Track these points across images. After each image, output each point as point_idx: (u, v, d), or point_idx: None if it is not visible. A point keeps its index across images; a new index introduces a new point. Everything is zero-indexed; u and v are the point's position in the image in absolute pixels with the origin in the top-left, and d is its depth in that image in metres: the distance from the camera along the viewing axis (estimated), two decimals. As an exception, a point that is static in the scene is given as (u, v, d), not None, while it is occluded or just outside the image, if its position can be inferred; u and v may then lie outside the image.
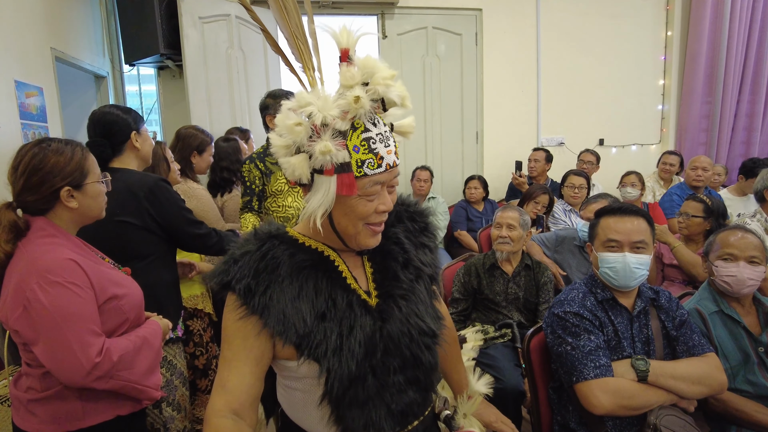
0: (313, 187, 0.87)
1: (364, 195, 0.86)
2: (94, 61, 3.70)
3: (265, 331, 0.86)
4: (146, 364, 1.28)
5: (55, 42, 2.99)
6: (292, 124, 0.82)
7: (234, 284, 0.86)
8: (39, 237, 1.21)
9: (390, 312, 0.93)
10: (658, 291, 1.60)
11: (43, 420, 1.22)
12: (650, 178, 4.33)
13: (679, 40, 5.00)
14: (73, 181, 1.24)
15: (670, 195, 3.78)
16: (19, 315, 1.14)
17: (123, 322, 1.28)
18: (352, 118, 0.84)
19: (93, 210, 1.31)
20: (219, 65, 3.78)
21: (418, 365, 0.94)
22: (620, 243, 1.52)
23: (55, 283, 1.14)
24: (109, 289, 1.25)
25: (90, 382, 1.16)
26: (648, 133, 5.18)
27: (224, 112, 3.86)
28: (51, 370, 1.16)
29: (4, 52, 2.39)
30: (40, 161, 1.21)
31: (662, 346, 1.51)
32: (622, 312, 1.53)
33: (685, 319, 1.54)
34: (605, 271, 1.53)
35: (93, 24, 3.73)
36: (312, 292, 0.89)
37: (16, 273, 1.17)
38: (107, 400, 1.25)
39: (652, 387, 1.40)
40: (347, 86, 0.84)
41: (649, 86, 5.10)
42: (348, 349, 0.87)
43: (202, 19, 3.65)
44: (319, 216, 0.85)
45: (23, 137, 2.50)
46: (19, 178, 1.21)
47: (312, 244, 0.95)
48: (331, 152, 0.81)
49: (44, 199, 1.22)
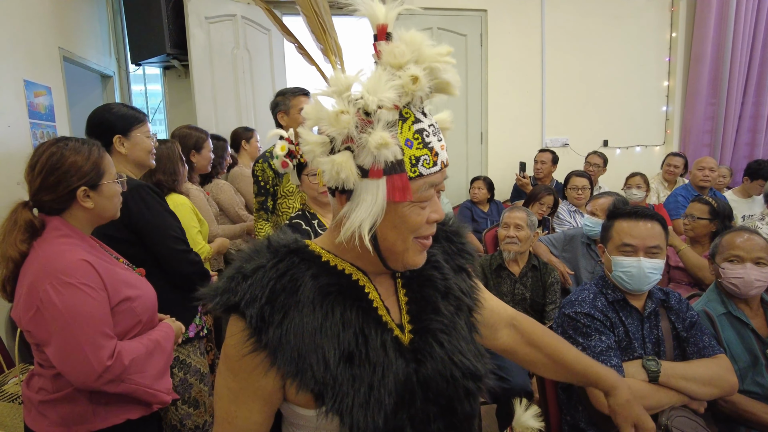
0: (354, 194, 0.70)
1: (417, 201, 0.71)
2: (101, 60, 3.71)
3: (273, 371, 0.70)
4: (157, 367, 1.27)
5: (62, 42, 3.01)
6: (336, 112, 0.67)
7: (244, 307, 0.69)
8: (54, 237, 1.21)
9: (428, 351, 0.76)
10: (668, 292, 1.61)
11: (53, 422, 1.21)
12: (654, 179, 4.33)
13: (683, 42, 5.00)
14: (90, 181, 1.24)
15: (675, 196, 3.78)
16: (32, 316, 1.14)
17: (135, 324, 1.28)
18: (401, 105, 0.69)
19: (108, 210, 1.31)
20: (225, 65, 3.79)
21: (454, 413, 0.77)
22: (635, 248, 1.52)
23: (68, 284, 1.14)
24: (122, 290, 1.24)
25: (101, 385, 1.15)
26: (652, 134, 5.18)
27: (230, 111, 3.86)
28: (62, 371, 1.15)
29: (14, 52, 2.40)
30: (57, 160, 1.20)
31: (672, 347, 1.52)
32: (632, 313, 1.53)
33: (695, 321, 1.54)
34: (619, 275, 1.52)
35: (100, 24, 3.75)
36: (338, 324, 0.72)
37: (30, 273, 1.17)
38: (117, 404, 1.24)
39: (663, 388, 1.40)
40: (396, 66, 0.68)
41: (654, 87, 5.10)
42: (376, 401, 0.70)
43: (208, 19, 3.66)
44: (366, 230, 0.69)
45: (32, 136, 2.51)
46: (36, 177, 1.20)
47: (338, 264, 0.77)
48: (389, 146, 0.66)
49: (60, 198, 1.22)
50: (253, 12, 3.97)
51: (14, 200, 2.20)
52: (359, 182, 0.69)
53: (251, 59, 3.98)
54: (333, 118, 0.67)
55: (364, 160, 0.68)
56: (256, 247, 0.77)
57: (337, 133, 0.68)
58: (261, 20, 4.02)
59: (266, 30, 4.07)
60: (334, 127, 0.67)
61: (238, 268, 0.73)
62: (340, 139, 0.68)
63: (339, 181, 0.69)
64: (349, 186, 0.69)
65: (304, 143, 0.71)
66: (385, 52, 0.69)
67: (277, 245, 0.76)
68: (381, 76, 0.68)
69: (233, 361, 0.72)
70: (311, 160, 0.72)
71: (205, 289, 0.73)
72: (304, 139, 0.71)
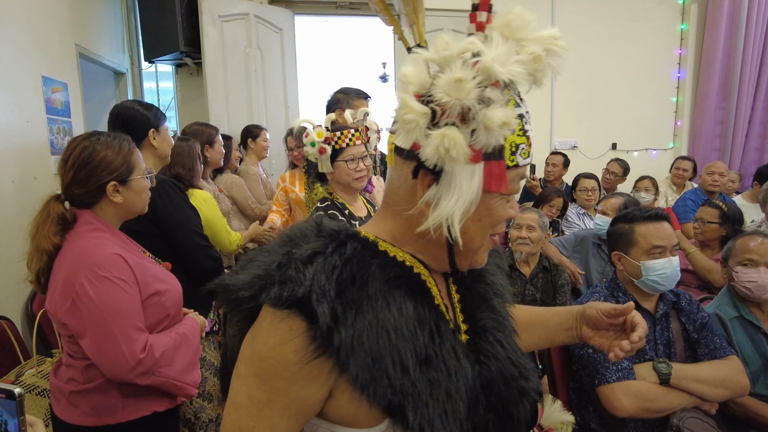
0: (445, 178, 0.60)
1: (506, 193, 0.64)
2: (115, 57, 3.74)
3: (332, 380, 0.59)
4: (185, 361, 1.29)
5: (79, 39, 3.04)
6: (455, 79, 0.56)
7: (315, 303, 0.57)
8: (87, 230, 1.24)
9: (491, 351, 0.69)
10: (679, 294, 1.62)
11: (84, 412, 1.24)
12: (663, 183, 4.32)
13: (693, 46, 4.99)
14: (120, 176, 1.26)
15: (684, 200, 3.77)
16: (68, 308, 1.17)
17: (164, 318, 1.30)
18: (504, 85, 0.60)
19: (137, 205, 1.33)
20: (237, 63, 3.82)
21: (510, 418, 0.69)
22: (664, 248, 1.54)
23: (103, 277, 1.16)
24: (152, 284, 1.26)
25: (133, 377, 1.18)
26: (661, 137, 5.18)
27: (241, 109, 3.89)
28: (96, 363, 1.18)
29: (33, 48, 2.43)
30: (89, 155, 1.23)
31: (683, 349, 1.53)
32: (644, 315, 1.54)
33: (706, 322, 1.55)
34: (653, 278, 1.52)
35: (114, 21, 3.78)
36: (413, 323, 0.62)
37: (65, 266, 1.19)
38: (146, 396, 1.27)
39: (675, 390, 1.42)
40: (517, 38, 0.60)
41: (663, 90, 5.10)
42: (453, 410, 0.62)
43: (221, 18, 3.69)
44: (457, 221, 0.60)
45: (49, 132, 2.54)
46: (68, 171, 1.23)
47: (397, 254, 0.68)
48: (511, 126, 0.57)
49: (91, 192, 1.24)
50: (265, 11, 4.00)
51: (32, 194, 2.24)
52: (456, 165, 0.58)
53: (263, 58, 4.00)
54: (452, 85, 0.56)
55: (476, 139, 0.58)
56: (300, 231, 0.66)
57: (453, 104, 0.57)
58: (273, 19, 4.05)
59: (278, 29, 4.10)
60: (450, 95, 0.56)
61: (287, 254, 0.61)
62: (456, 109, 0.57)
63: (442, 159, 0.58)
64: (449, 166, 0.59)
65: (406, 111, 0.58)
66: (502, 23, 0.60)
67: (329, 229, 0.66)
68: (507, 47, 0.58)
69: (270, 364, 0.59)
70: (408, 132, 0.59)
71: (243, 277, 0.60)
72: (409, 106, 0.58)
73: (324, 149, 1.75)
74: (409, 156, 0.63)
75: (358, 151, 1.77)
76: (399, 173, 0.67)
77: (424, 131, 0.58)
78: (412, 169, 0.63)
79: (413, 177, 0.64)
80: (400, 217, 0.68)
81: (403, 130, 0.60)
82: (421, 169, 0.62)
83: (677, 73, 5.08)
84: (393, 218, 0.70)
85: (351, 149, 1.76)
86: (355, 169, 1.76)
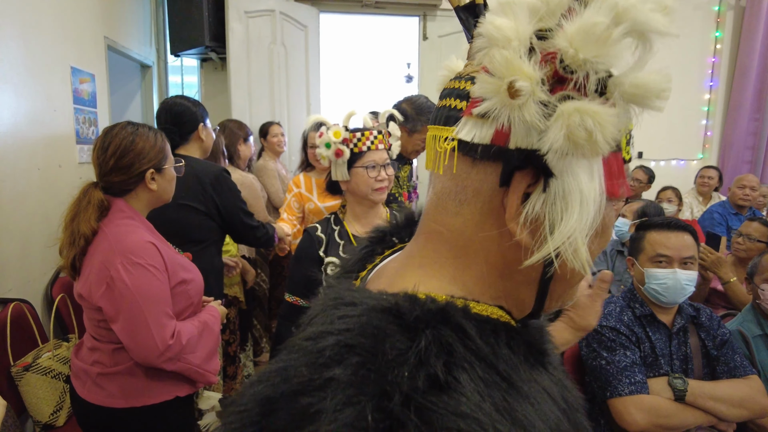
0: (557, 182, 0.40)
1: (617, 198, 0.45)
2: (141, 50, 3.81)
3: None
4: (207, 348, 1.33)
5: (107, 31, 3.10)
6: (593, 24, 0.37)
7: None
8: (120, 218, 1.28)
9: (577, 395, 0.53)
10: (699, 308, 1.56)
11: (111, 394, 1.27)
12: (689, 194, 4.21)
13: (728, 53, 4.84)
14: (157, 164, 1.32)
15: (711, 213, 3.66)
16: (103, 292, 1.21)
17: (188, 306, 1.34)
18: None
19: (167, 193, 1.39)
20: (261, 59, 3.85)
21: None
22: (670, 259, 1.49)
23: (138, 264, 1.20)
24: (179, 273, 1.31)
25: (161, 362, 1.22)
26: (690, 148, 5.03)
27: (264, 105, 3.92)
28: (127, 347, 1.22)
29: (63, 39, 2.49)
30: (130, 143, 1.28)
31: (701, 366, 1.48)
32: (660, 328, 1.49)
33: (727, 339, 1.50)
34: (653, 287, 1.49)
35: (142, 14, 3.85)
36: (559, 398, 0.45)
37: (101, 251, 1.24)
38: (170, 381, 1.31)
39: (690, 407, 1.37)
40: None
41: (694, 100, 4.96)
42: None
43: (247, 14, 3.72)
44: (582, 244, 0.40)
45: (75, 121, 2.60)
46: (109, 158, 1.27)
47: (492, 313, 0.45)
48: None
49: (131, 180, 1.29)
50: (291, 8, 4.02)
51: (56, 182, 2.29)
52: (579, 160, 0.40)
53: (287, 55, 4.03)
54: (589, 36, 0.37)
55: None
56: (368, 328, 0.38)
57: (593, 63, 0.38)
58: (299, 16, 4.07)
59: (303, 27, 4.12)
60: (588, 51, 0.38)
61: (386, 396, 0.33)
62: (600, 72, 0.38)
63: (577, 148, 0.38)
64: (568, 164, 0.39)
65: (513, 75, 0.38)
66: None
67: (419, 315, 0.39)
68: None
69: None
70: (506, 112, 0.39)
71: None
72: (518, 68, 0.38)
73: (341, 151, 1.47)
74: (492, 154, 0.42)
75: (380, 157, 1.47)
76: (467, 183, 0.44)
77: (538, 108, 0.38)
78: (500, 172, 0.42)
79: (502, 185, 0.42)
80: (472, 252, 0.46)
81: (495, 109, 0.40)
82: (517, 172, 0.41)
83: (709, 82, 4.94)
84: (459, 257, 0.46)
85: (372, 154, 1.46)
86: (376, 178, 1.46)
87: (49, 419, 1.73)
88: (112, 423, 1.29)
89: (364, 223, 1.51)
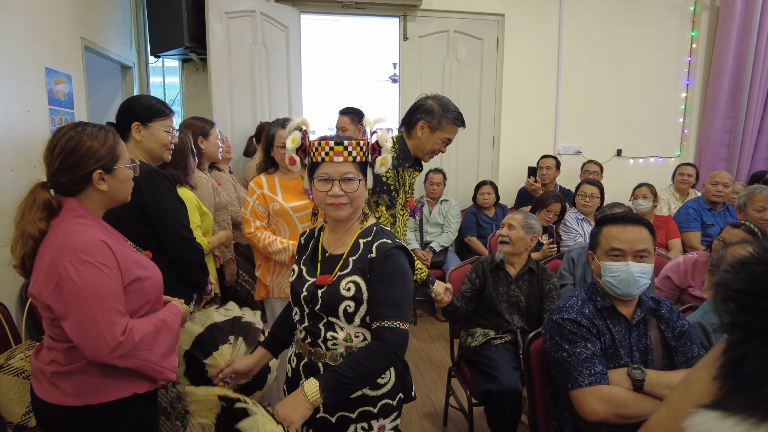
0: None
1: None
2: (121, 51, 3.80)
3: None
4: (165, 346, 1.32)
5: (85, 32, 3.09)
6: None
7: None
8: (71, 217, 1.27)
9: None
10: (660, 301, 1.61)
11: (66, 392, 1.27)
12: (666, 191, 4.29)
13: (703, 53, 4.93)
14: (105, 165, 1.30)
15: (686, 209, 3.74)
16: (52, 291, 1.21)
17: (144, 304, 1.34)
18: None
19: (121, 193, 1.37)
20: (242, 60, 3.85)
21: None
22: (624, 252, 1.53)
23: (87, 262, 1.20)
24: (134, 271, 1.30)
25: (113, 359, 1.21)
26: (668, 145, 5.12)
27: (245, 106, 3.93)
28: (77, 344, 1.22)
29: (37, 39, 2.48)
30: (76, 144, 1.27)
31: (661, 357, 1.52)
32: (620, 321, 1.53)
33: (686, 330, 1.54)
34: (608, 280, 1.53)
35: (122, 15, 3.84)
36: None
37: (50, 250, 1.23)
38: (126, 378, 1.30)
39: (648, 396, 1.40)
40: None
41: (671, 98, 5.04)
42: None
43: (227, 14, 3.73)
44: None
45: (51, 122, 2.59)
46: (55, 159, 1.26)
47: None
48: None
49: (77, 180, 1.28)
50: (271, 9, 4.03)
51: (32, 182, 2.28)
52: None
53: (268, 55, 4.04)
54: None
55: None
56: None
57: None
58: (279, 17, 4.08)
59: (284, 27, 4.13)
60: None
61: None
62: None
63: None
64: None
65: None
66: None
67: None
68: None
69: None
70: None
71: None
72: None
73: (293, 160, 1.34)
74: None
75: (335, 171, 1.28)
76: None
77: None
78: None
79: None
80: None
81: None
82: None
83: (686, 81, 5.03)
84: None
85: (326, 166, 1.29)
86: (327, 192, 1.29)
87: (21, 420, 1.73)
88: (71, 422, 1.29)
89: (333, 240, 1.40)
